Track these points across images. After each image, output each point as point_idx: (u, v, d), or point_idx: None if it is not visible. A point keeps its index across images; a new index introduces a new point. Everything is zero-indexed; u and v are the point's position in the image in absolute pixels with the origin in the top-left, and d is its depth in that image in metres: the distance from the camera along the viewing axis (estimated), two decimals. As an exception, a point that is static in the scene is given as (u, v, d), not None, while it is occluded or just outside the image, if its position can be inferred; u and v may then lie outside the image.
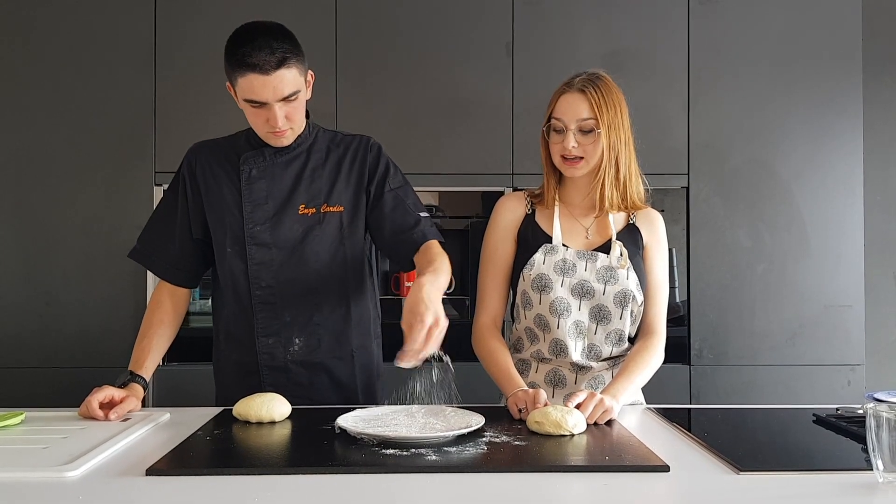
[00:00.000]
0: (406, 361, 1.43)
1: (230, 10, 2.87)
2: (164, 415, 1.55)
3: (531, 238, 1.77)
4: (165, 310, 1.80)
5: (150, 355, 1.74)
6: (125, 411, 1.53)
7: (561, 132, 1.71)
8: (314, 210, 1.76)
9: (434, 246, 1.76)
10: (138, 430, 1.41)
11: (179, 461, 1.22)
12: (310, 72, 1.73)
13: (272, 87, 1.61)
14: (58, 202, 2.86)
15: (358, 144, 1.83)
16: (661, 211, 2.87)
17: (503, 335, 1.80)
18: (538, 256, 1.74)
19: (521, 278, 1.76)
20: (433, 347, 1.43)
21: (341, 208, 1.78)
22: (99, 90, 2.87)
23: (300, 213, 1.76)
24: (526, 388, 1.60)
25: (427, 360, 1.46)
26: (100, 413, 1.50)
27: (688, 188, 2.93)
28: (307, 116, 1.80)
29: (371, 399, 1.84)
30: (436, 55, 2.92)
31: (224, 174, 1.78)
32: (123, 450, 1.30)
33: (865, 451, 1.13)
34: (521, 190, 1.87)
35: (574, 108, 1.70)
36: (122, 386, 1.63)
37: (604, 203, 1.75)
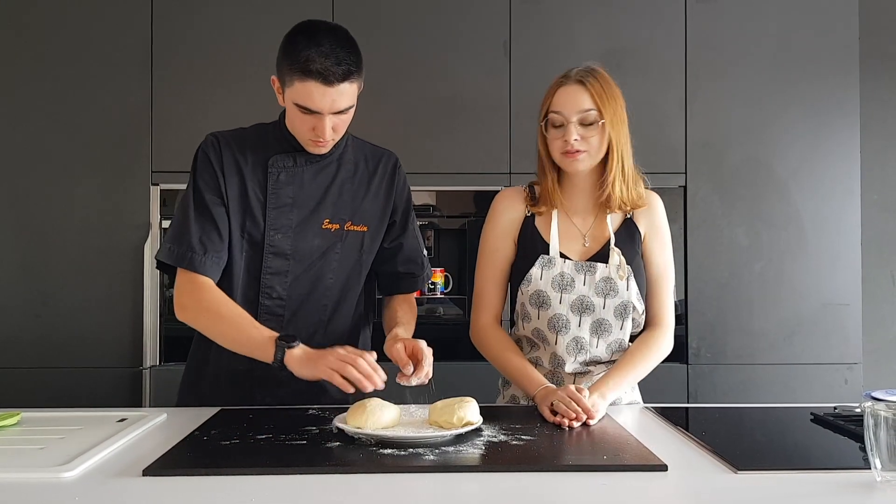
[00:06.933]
0: (411, 381, 1.54)
1: (227, 10, 2.87)
2: (161, 415, 1.55)
3: (529, 245, 1.72)
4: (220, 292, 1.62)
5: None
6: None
7: (560, 126, 1.64)
8: (338, 226, 1.68)
9: (412, 299, 1.82)
10: (135, 430, 1.41)
11: (176, 461, 1.22)
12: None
13: (331, 100, 1.51)
14: (55, 202, 2.85)
15: (386, 162, 1.76)
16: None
17: None
18: (535, 271, 1.69)
19: (518, 292, 1.72)
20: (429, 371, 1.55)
21: (365, 228, 1.71)
22: (96, 90, 2.86)
23: (323, 227, 1.67)
24: (549, 385, 1.58)
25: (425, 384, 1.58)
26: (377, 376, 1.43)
27: (685, 187, 2.93)
28: None
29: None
30: (433, 54, 2.92)
31: (250, 171, 1.65)
32: (120, 450, 1.30)
33: (863, 449, 1.13)
34: (521, 185, 1.80)
35: (574, 100, 1.63)
36: (294, 344, 1.49)
37: (613, 202, 1.68)
